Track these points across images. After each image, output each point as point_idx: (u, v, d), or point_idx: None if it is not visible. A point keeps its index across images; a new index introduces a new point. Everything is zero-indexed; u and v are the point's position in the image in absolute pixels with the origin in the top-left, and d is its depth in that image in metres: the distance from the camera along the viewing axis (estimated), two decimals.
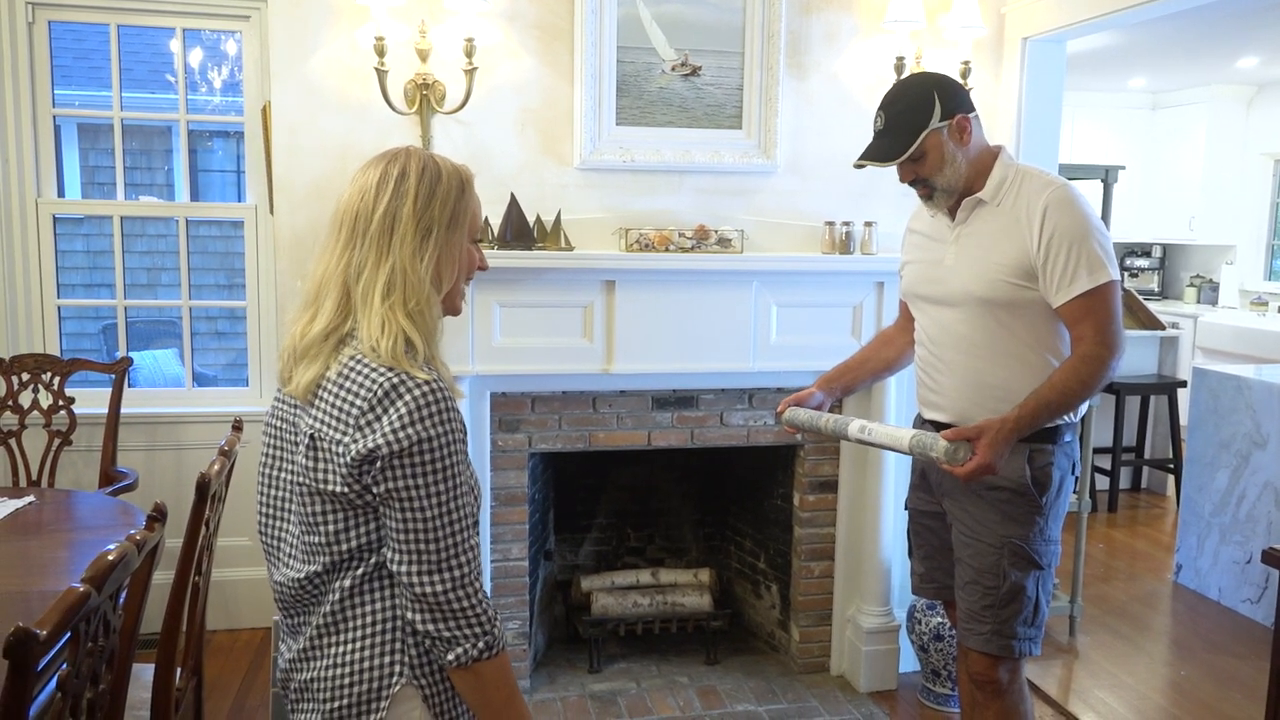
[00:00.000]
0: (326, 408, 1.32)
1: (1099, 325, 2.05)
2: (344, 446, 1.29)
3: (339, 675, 1.36)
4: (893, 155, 2.13)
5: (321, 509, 1.33)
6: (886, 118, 2.15)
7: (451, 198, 1.39)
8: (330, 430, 1.31)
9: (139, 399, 3.77)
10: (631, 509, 3.96)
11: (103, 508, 2.72)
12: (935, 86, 2.13)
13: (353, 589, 1.35)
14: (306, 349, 1.35)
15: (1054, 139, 3.37)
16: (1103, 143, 7.55)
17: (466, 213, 1.42)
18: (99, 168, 6.58)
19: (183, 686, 2.16)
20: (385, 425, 1.27)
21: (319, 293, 1.37)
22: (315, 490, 1.33)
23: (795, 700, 3.29)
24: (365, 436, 1.27)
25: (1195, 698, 3.39)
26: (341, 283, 1.34)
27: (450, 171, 1.40)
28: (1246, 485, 4.13)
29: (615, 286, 3.02)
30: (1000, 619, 2.17)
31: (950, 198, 2.18)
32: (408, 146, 1.42)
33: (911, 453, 1.98)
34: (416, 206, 1.35)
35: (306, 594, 1.38)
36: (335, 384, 1.32)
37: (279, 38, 2.95)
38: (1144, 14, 2.98)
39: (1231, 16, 5.07)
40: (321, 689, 1.37)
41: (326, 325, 1.34)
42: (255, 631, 3.71)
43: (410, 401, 1.27)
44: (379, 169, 1.37)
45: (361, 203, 1.35)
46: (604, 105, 3.09)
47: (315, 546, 1.35)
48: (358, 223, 1.35)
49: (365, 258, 1.34)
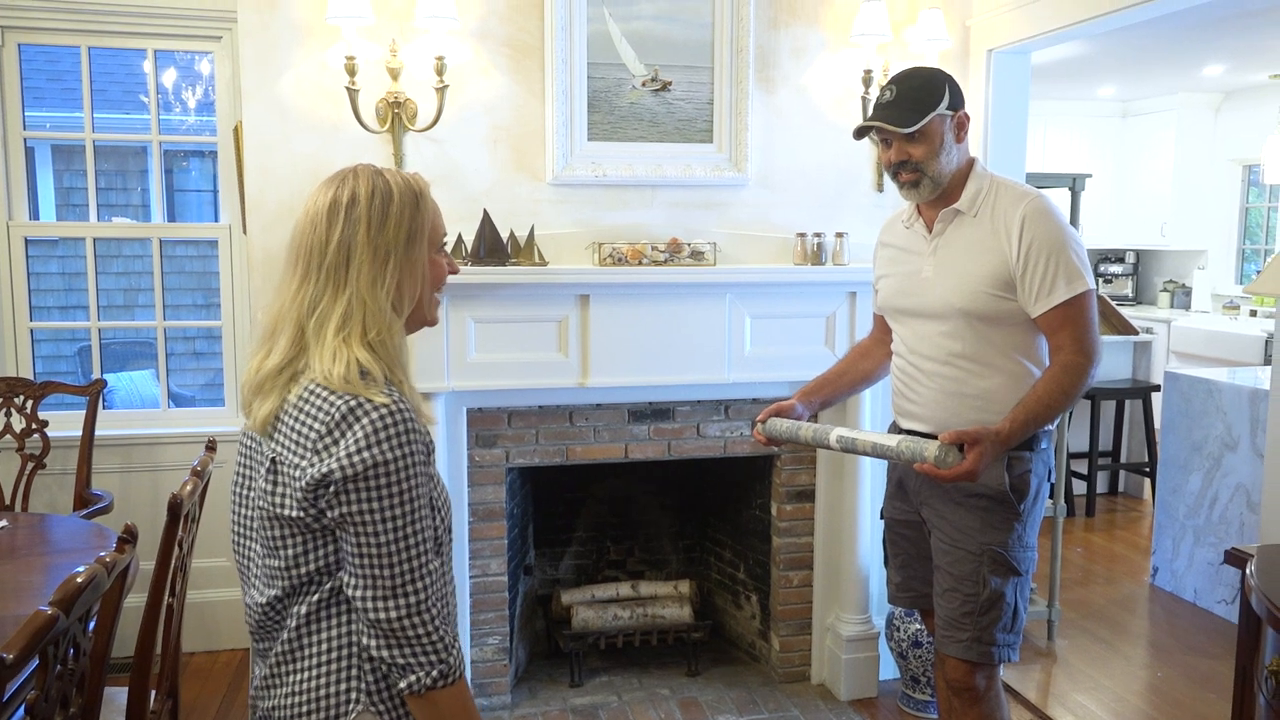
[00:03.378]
0: (286, 432, 1.32)
1: (1077, 334, 2.08)
2: (300, 470, 1.28)
3: (297, 704, 1.35)
4: (903, 123, 2.12)
5: (280, 533, 1.32)
6: (898, 91, 2.16)
7: (406, 216, 1.36)
8: (289, 454, 1.30)
9: (114, 421, 3.75)
10: (611, 522, 3.96)
11: (77, 531, 2.71)
12: (946, 78, 2.18)
13: (309, 616, 1.34)
14: (260, 384, 1.35)
15: (1020, 149, 3.41)
16: (1074, 151, 7.63)
17: (424, 226, 1.39)
18: (74, 189, 6.54)
19: (158, 709, 2.15)
20: (341, 449, 1.26)
21: (275, 328, 1.36)
22: (274, 515, 1.32)
23: (776, 710, 3.30)
24: (322, 461, 1.27)
25: (1172, 698, 3.42)
26: (296, 319, 1.34)
27: (401, 188, 1.37)
28: (1219, 487, 4.18)
29: (589, 301, 3.04)
30: (980, 626, 2.18)
31: (935, 189, 2.18)
32: (355, 167, 1.40)
33: (899, 456, 1.99)
34: (371, 233, 1.33)
35: (269, 619, 1.38)
36: (294, 411, 1.32)
37: (249, 58, 2.96)
38: (1106, 25, 3.03)
39: (1194, 26, 5.16)
40: (282, 718, 1.36)
41: (280, 360, 1.34)
42: (234, 653, 3.69)
43: (368, 425, 1.26)
44: (329, 194, 1.36)
45: (314, 235, 1.34)
46: (575, 121, 3.11)
47: (275, 570, 1.34)
48: (312, 256, 1.34)
49: (322, 291, 1.33)
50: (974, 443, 1.96)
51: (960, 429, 2.00)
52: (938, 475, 1.96)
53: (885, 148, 2.20)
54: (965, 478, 1.97)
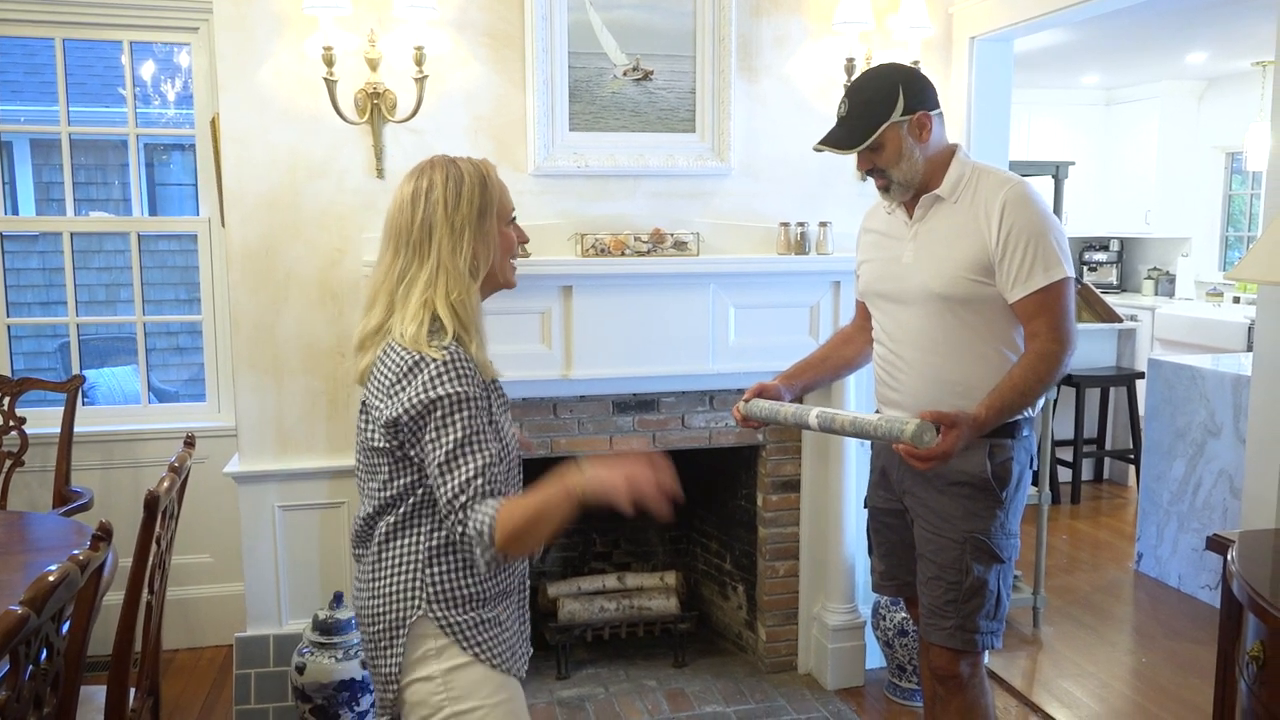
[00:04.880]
0: (373, 380, 1.66)
1: (1053, 321, 2.09)
2: (379, 411, 1.62)
3: (376, 604, 1.67)
4: (850, 144, 2.15)
5: (373, 461, 1.67)
6: (850, 105, 2.16)
7: (476, 194, 1.67)
8: (373, 398, 1.65)
9: (95, 417, 3.72)
10: (597, 514, 3.94)
11: (56, 528, 2.68)
12: (902, 80, 2.15)
13: (388, 531, 1.66)
14: (362, 342, 1.70)
15: (1004, 136, 3.41)
16: (1059, 139, 7.65)
17: (493, 202, 1.70)
18: (53, 184, 6.48)
19: (138, 708, 2.13)
20: (409, 394, 1.57)
21: (374, 297, 1.69)
22: (368, 446, 1.67)
23: (763, 700, 3.30)
24: (395, 402, 1.59)
25: (1156, 684, 3.44)
26: (388, 289, 1.67)
27: (470, 171, 1.69)
28: (1202, 473, 4.20)
29: (572, 292, 3.02)
30: (963, 614, 2.19)
31: (907, 191, 2.19)
32: (432, 159, 1.71)
33: (875, 433, 1.99)
34: (447, 211, 1.65)
35: (365, 530, 1.71)
36: (378, 364, 1.66)
37: (226, 49, 2.92)
38: (1088, 11, 3.02)
39: (1176, 14, 5.16)
40: (365, 617, 1.70)
41: (376, 324, 1.67)
42: (219, 649, 3.67)
43: (429, 372, 1.57)
44: (411, 185, 1.68)
45: (401, 218, 1.67)
46: (556, 111, 3.09)
47: (371, 491, 1.69)
48: (401, 235, 1.66)
49: (409, 262, 1.65)
50: (950, 425, 1.96)
51: (938, 410, 2.00)
52: (913, 456, 1.96)
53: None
54: (938, 460, 1.97)
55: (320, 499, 3.11)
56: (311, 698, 2.86)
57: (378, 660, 1.69)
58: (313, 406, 3.08)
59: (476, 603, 1.67)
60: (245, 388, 3.04)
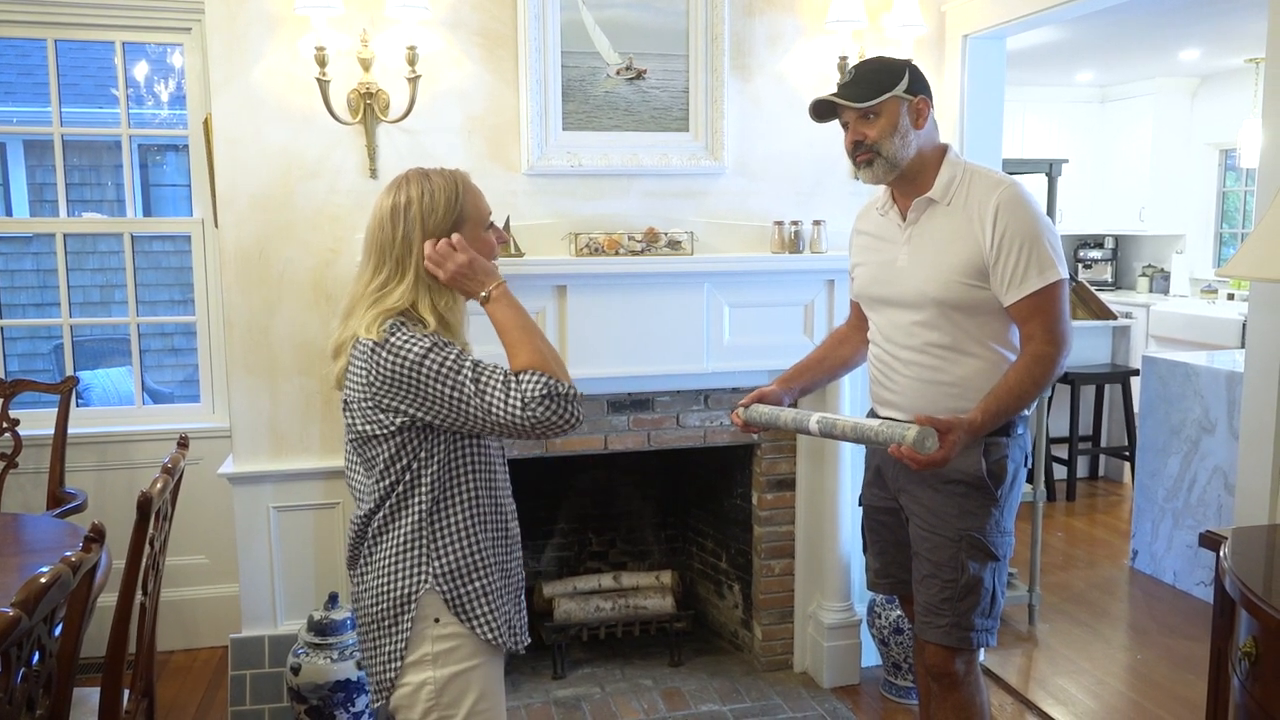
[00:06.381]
0: (349, 379, 1.74)
1: (1048, 323, 2.09)
2: (359, 398, 1.70)
3: (380, 582, 1.74)
4: (855, 99, 2.14)
5: (367, 452, 1.74)
6: (857, 73, 2.19)
7: (453, 205, 1.74)
8: (351, 392, 1.73)
9: (89, 418, 3.71)
10: (592, 513, 3.96)
11: (50, 530, 2.68)
12: (908, 65, 2.19)
13: (383, 522, 1.74)
14: (337, 349, 1.79)
15: (997, 134, 3.41)
16: (1053, 136, 7.66)
17: (468, 210, 1.76)
18: (46, 185, 6.47)
19: (132, 709, 2.13)
20: (379, 369, 1.66)
21: (352, 308, 1.76)
22: (359, 437, 1.74)
23: (759, 698, 3.31)
24: (369, 385, 1.67)
25: (1151, 680, 3.44)
26: (367, 300, 1.73)
27: (444, 184, 1.75)
28: (1197, 470, 4.20)
29: (567, 291, 3.02)
30: (959, 611, 2.19)
31: (891, 171, 2.18)
32: (406, 173, 1.77)
33: (877, 439, 2.00)
34: (424, 225, 1.72)
35: (361, 531, 1.78)
36: (351, 362, 1.73)
37: (218, 49, 2.92)
38: (1081, 9, 3.03)
39: (1169, 11, 5.17)
40: (367, 596, 1.76)
41: (351, 333, 1.74)
42: (214, 650, 3.66)
43: (391, 345, 1.65)
44: (389, 200, 1.74)
45: (382, 233, 1.73)
46: (550, 111, 3.08)
47: (365, 488, 1.76)
48: (383, 250, 1.73)
49: (391, 275, 1.72)
50: (946, 431, 1.97)
51: (935, 415, 2.01)
52: (912, 459, 1.96)
53: (845, 131, 2.21)
54: (936, 464, 1.98)
55: (315, 499, 3.10)
56: (307, 698, 2.85)
57: (382, 639, 1.74)
58: (307, 407, 3.08)
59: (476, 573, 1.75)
60: (239, 389, 3.04)
